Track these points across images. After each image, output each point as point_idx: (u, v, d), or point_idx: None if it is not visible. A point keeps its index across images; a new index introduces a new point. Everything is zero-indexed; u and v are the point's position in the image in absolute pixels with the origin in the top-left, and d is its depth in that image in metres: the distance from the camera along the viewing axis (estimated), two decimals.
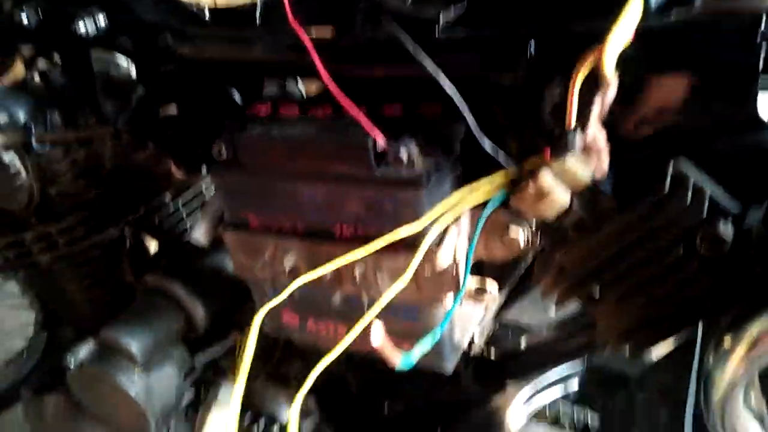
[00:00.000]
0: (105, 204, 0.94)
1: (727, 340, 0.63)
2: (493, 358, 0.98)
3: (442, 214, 0.59)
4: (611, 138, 0.53)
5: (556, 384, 1.34)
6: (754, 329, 0.59)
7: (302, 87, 0.93)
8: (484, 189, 0.57)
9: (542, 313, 1.10)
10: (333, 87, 0.57)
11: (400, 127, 0.59)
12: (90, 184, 0.91)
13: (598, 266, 0.57)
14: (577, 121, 0.47)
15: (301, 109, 0.66)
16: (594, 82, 0.47)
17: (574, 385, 1.36)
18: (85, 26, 0.76)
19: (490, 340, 1.01)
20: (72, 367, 0.87)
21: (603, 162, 0.51)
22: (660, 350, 0.98)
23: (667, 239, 0.53)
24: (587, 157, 0.49)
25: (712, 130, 0.54)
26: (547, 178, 0.53)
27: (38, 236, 0.95)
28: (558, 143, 0.49)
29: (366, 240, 0.65)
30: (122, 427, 0.95)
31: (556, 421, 1.46)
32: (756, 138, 0.53)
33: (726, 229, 0.51)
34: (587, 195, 0.53)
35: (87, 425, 0.97)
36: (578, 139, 0.47)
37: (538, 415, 1.46)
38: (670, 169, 0.52)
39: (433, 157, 0.59)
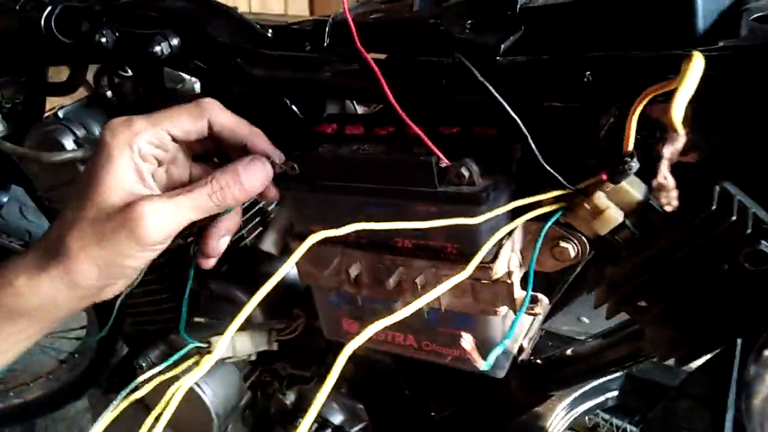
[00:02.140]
0: None
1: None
2: (540, 363, 1.01)
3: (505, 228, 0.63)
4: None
5: (595, 393, 1.37)
6: None
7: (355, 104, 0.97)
8: (542, 203, 0.61)
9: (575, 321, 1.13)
10: (401, 112, 0.62)
11: (459, 147, 0.63)
12: None
13: (648, 280, 0.61)
14: (633, 148, 0.51)
15: (365, 128, 0.71)
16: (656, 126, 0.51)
17: (612, 394, 1.38)
18: (160, 48, 0.82)
19: (535, 349, 1.04)
20: (144, 368, 0.93)
21: (673, 198, 0.55)
22: (700, 360, 1.00)
23: (714, 255, 0.56)
24: (660, 194, 0.53)
25: (757, 155, 0.58)
26: (602, 197, 0.57)
27: None
28: (615, 168, 0.52)
29: (426, 251, 0.69)
30: (184, 427, 1.01)
31: (593, 431, 1.49)
32: None
33: None
34: (640, 213, 0.57)
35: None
36: (634, 164, 0.51)
37: (576, 425, 1.49)
38: (717, 191, 0.55)
39: (492, 175, 0.62)
